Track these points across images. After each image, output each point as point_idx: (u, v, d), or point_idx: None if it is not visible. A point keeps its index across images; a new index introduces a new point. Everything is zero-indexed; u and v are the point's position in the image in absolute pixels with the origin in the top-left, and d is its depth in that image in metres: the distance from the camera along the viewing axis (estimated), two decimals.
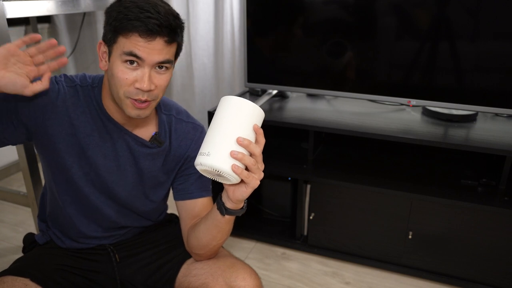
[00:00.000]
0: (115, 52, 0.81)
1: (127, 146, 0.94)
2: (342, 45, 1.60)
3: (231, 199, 0.80)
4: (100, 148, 0.92)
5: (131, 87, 0.82)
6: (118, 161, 0.94)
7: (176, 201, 1.02)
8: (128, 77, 0.81)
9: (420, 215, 1.46)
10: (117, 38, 0.80)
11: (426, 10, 1.45)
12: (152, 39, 0.79)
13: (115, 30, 0.80)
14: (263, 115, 0.77)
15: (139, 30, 0.78)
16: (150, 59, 0.80)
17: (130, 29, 0.78)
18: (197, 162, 0.74)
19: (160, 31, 0.79)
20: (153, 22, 0.77)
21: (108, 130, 0.91)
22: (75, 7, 1.47)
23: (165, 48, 0.81)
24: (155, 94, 0.84)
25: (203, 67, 2.22)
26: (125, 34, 0.79)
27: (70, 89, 0.90)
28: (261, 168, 0.76)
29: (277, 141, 1.88)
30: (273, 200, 1.83)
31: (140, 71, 0.81)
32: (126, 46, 0.79)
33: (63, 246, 1.01)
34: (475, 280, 1.46)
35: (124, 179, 0.96)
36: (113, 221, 1.00)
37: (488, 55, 1.41)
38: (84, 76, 0.93)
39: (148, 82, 0.81)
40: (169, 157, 0.98)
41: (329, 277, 1.57)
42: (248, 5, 1.67)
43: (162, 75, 0.84)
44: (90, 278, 0.99)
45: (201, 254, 0.95)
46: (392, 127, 1.56)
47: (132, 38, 0.78)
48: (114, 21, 0.80)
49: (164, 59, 0.82)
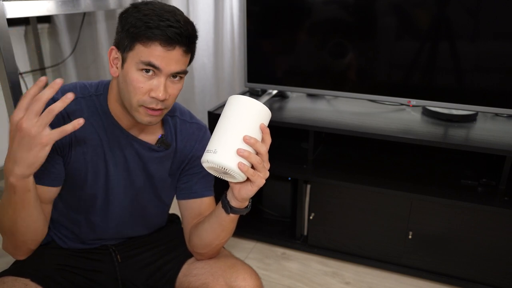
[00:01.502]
0: (130, 60, 0.80)
1: (135, 152, 0.94)
2: (342, 45, 1.60)
3: (237, 197, 0.80)
4: (110, 157, 0.92)
5: (146, 95, 0.81)
6: (128, 168, 0.94)
7: (179, 200, 1.02)
8: (143, 86, 0.80)
9: (420, 215, 1.46)
10: (135, 46, 0.79)
11: (426, 10, 1.45)
12: (171, 49, 0.78)
13: (133, 37, 0.79)
14: (270, 115, 0.78)
15: (160, 38, 0.77)
16: (167, 69, 0.80)
17: (150, 38, 0.77)
18: (203, 160, 0.74)
19: (180, 41, 0.78)
20: (174, 31, 0.77)
21: (116, 137, 0.91)
22: (75, 7, 1.47)
23: (182, 58, 0.81)
24: (168, 103, 0.84)
25: (203, 67, 2.22)
26: (144, 42, 0.78)
27: (70, 104, 0.86)
28: (267, 167, 0.76)
29: (277, 141, 1.87)
30: (273, 200, 1.83)
31: (156, 80, 0.80)
32: (144, 55, 0.78)
33: (65, 247, 1.01)
34: (475, 280, 1.46)
35: (134, 184, 0.96)
36: (122, 224, 1.01)
37: (488, 55, 1.41)
38: (83, 86, 0.91)
39: (164, 91, 0.80)
40: (176, 159, 0.99)
41: (329, 277, 1.57)
42: (248, 5, 1.67)
43: (176, 85, 0.84)
44: (91, 278, 0.99)
45: (203, 253, 0.95)
46: (392, 127, 1.56)
47: (152, 47, 0.78)
48: (133, 27, 0.78)
49: (181, 70, 0.82)
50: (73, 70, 2.39)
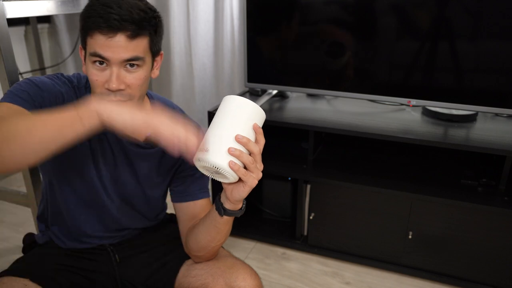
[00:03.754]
0: (87, 55, 0.81)
1: (121, 147, 0.93)
2: (342, 45, 1.60)
3: (229, 199, 0.80)
4: (97, 152, 0.92)
5: (103, 88, 0.80)
6: (115, 164, 0.94)
7: (174, 203, 1.01)
8: (98, 79, 0.80)
9: (420, 215, 1.46)
10: (86, 40, 0.79)
11: (426, 10, 1.45)
12: (113, 35, 0.76)
13: (83, 30, 0.79)
14: (264, 116, 0.78)
15: (100, 26, 0.76)
16: (115, 57, 0.78)
17: (92, 27, 0.77)
18: (195, 158, 0.74)
19: (121, 26, 0.76)
20: (113, 18, 0.75)
21: (103, 132, 0.90)
22: (75, 7, 1.46)
23: (130, 44, 0.78)
24: (128, 94, 0.82)
25: (203, 67, 2.22)
26: (90, 34, 0.78)
27: (69, 91, 0.88)
28: (260, 168, 0.75)
29: (277, 141, 1.87)
30: (273, 200, 1.83)
31: (108, 71, 0.79)
32: (91, 46, 0.78)
33: (63, 246, 1.01)
34: (475, 280, 1.46)
35: (121, 178, 0.96)
36: (115, 219, 1.00)
37: (488, 55, 1.41)
38: (79, 76, 0.92)
39: (117, 81, 0.79)
40: (165, 158, 0.98)
41: (329, 277, 1.57)
42: (248, 5, 1.67)
43: (134, 74, 0.81)
44: (90, 278, 0.99)
45: (200, 256, 0.95)
46: (392, 127, 1.56)
47: (94, 36, 0.77)
48: (82, 21, 0.79)
49: (131, 56, 0.79)
50: (73, 70, 2.39)
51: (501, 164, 1.44)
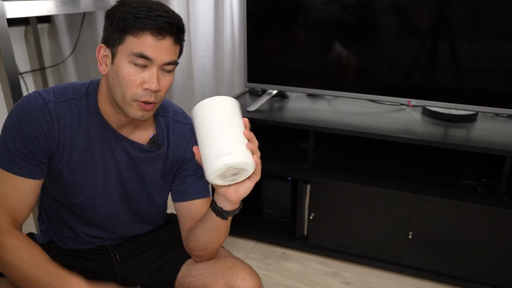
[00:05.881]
0: (121, 53, 0.80)
1: (126, 153, 0.93)
2: (342, 45, 1.60)
3: (232, 199, 0.80)
4: (100, 158, 0.91)
5: (139, 88, 0.81)
6: (118, 169, 0.93)
7: (175, 203, 1.01)
8: (136, 78, 0.80)
9: (420, 215, 1.46)
10: (125, 39, 0.79)
11: (426, 10, 1.45)
12: (162, 38, 0.78)
13: (123, 30, 0.78)
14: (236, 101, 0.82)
15: (151, 28, 0.77)
16: (159, 59, 0.79)
17: (141, 28, 0.77)
18: (220, 165, 0.72)
19: (170, 30, 0.79)
20: (164, 21, 0.77)
21: (106, 138, 0.90)
22: (75, 7, 1.47)
23: (173, 48, 0.81)
24: (161, 96, 0.84)
25: (203, 67, 2.22)
26: (135, 34, 0.78)
27: (61, 105, 0.86)
28: None
29: (277, 141, 1.88)
30: (273, 200, 1.83)
31: (148, 72, 0.80)
32: (135, 47, 0.78)
33: (64, 247, 1.01)
34: (475, 280, 1.46)
35: (125, 184, 0.96)
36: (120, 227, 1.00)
37: (488, 55, 1.41)
38: (75, 86, 0.90)
39: (157, 82, 0.80)
40: (168, 160, 0.98)
41: (329, 277, 1.57)
42: (248, 5, 1.67)
43: (167, 77, 0.84)
44: (91, 278, 0.98)
45: (200, 255, 0.95)
46: (392, 127, 1.56)
47: (142, 37, 0.78)
48: (121, 21, 0.78)
49: (172, 60, 0.82)
50: (73, 70, 2.39)
51: (501, 164, 1.44)
